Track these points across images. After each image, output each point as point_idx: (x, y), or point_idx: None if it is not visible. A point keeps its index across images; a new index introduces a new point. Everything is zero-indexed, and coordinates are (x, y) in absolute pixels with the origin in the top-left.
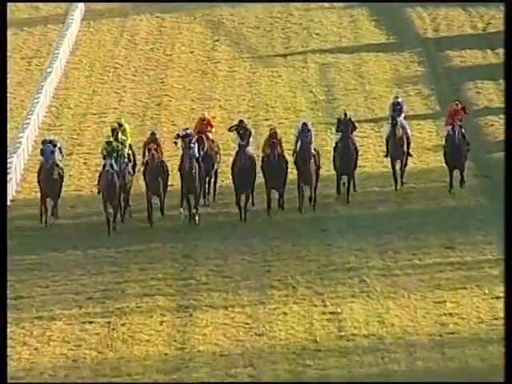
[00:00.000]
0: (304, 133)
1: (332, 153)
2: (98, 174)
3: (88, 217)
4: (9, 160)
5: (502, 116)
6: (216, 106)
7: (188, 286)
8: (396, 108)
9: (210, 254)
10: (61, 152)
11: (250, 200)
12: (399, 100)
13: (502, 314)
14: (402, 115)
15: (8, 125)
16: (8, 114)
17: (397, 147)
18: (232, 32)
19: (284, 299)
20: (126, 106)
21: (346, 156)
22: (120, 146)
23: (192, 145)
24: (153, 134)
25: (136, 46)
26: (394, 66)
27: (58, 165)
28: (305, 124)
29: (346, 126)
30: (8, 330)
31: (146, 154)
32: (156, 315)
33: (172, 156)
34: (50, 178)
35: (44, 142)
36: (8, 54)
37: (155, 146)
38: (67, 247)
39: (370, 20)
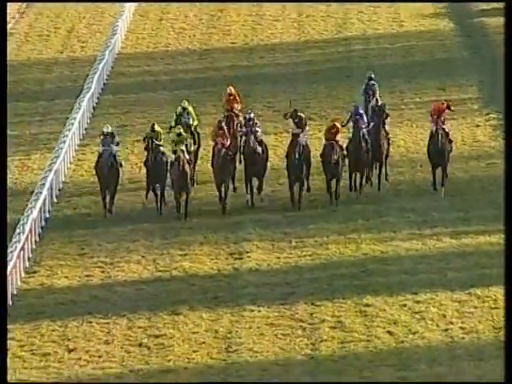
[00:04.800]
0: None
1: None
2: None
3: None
4: (110, 42)
5: None
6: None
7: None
8: (369, 86)
9: (264, 94)
10: (117, 144)
11: (306, 186)
12: (373, 78)
13: (481, 138)
14: (376, 96)
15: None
16: (106, 21)
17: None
18: None
19: (319, 127)
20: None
21: (377, 146)
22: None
23: (257, 128)
24: (220, 121)
25: None
26: None
27: (115, 157)
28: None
29: (378, 115)
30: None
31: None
32: None
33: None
34: (107, 171)
35: (103, 135)
36: None
37: (222, 133)
38: (159, 88)
39: None
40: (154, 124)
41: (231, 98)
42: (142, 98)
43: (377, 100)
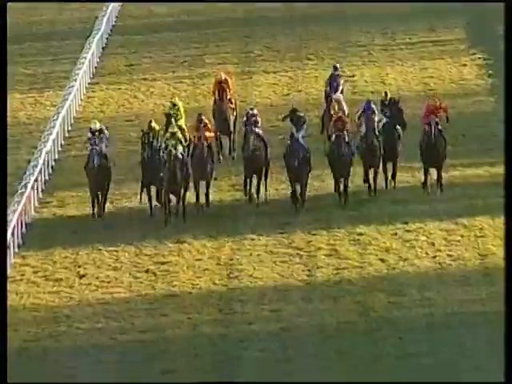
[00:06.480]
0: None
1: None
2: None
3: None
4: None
5: None
6: None
7: (248, 57)
8: (334, 76)
9: (264, 35)
10: (107, 139)
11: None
12: (338, 69)
13: (467, 76)
14: (339, 91)
15: None
16: None
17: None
18: None
19: (315, 67)
20: None
21: (390, 142)
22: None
23: (257, 125)
24: (199, 114)
25: None
26: None
27: (105, 156)
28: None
29: (389, 110)
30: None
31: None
32: None
33: None
34: (97, 174)
35: (91, 132)
36: None
37: (203, 126)
38: (164, 29)
39: None
40: (150, 121)
41: (221, 84)
42: (148, 39)
43: (342, 91)
